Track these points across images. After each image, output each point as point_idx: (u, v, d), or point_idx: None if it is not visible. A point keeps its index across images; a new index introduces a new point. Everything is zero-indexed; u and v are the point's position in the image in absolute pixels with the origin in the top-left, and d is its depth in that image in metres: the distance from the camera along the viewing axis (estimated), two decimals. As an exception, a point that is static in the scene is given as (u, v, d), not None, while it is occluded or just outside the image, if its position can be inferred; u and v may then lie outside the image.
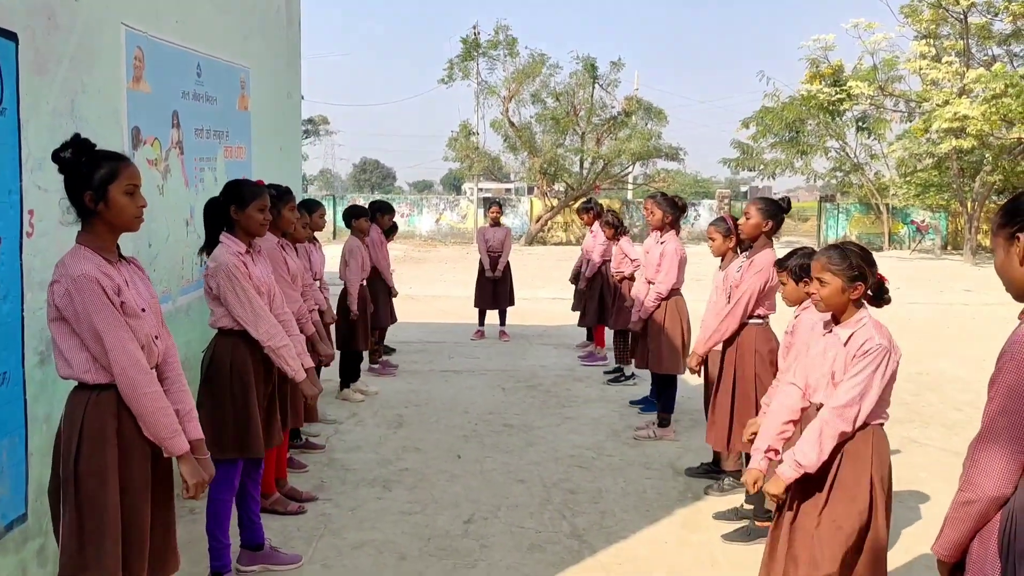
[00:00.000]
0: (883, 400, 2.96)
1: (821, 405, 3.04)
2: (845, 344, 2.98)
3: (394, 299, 8.33)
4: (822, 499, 2.98)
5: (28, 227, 3.34)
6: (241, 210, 3.70)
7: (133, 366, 2.58)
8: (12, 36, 3.23)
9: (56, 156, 2.62)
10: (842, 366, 2.97)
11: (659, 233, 6.37)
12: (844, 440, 2.95)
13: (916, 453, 5.93)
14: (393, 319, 8.36)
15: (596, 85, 29.52)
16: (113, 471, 2.59)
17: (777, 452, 3.19)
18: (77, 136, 2.65)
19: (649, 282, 6.32)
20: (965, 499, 2.11)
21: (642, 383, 7.56)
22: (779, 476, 3.03)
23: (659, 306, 6.17)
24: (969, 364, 8.93)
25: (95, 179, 2.59)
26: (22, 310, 3.28)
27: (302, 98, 8.13)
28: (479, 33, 30.35)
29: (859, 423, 2.93)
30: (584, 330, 9.47)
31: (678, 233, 6.38)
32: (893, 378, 2.97)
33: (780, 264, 4.06)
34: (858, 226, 31.09)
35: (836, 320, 3.08)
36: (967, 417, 6.88)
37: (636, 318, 6.30)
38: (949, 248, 29.44)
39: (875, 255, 3.17)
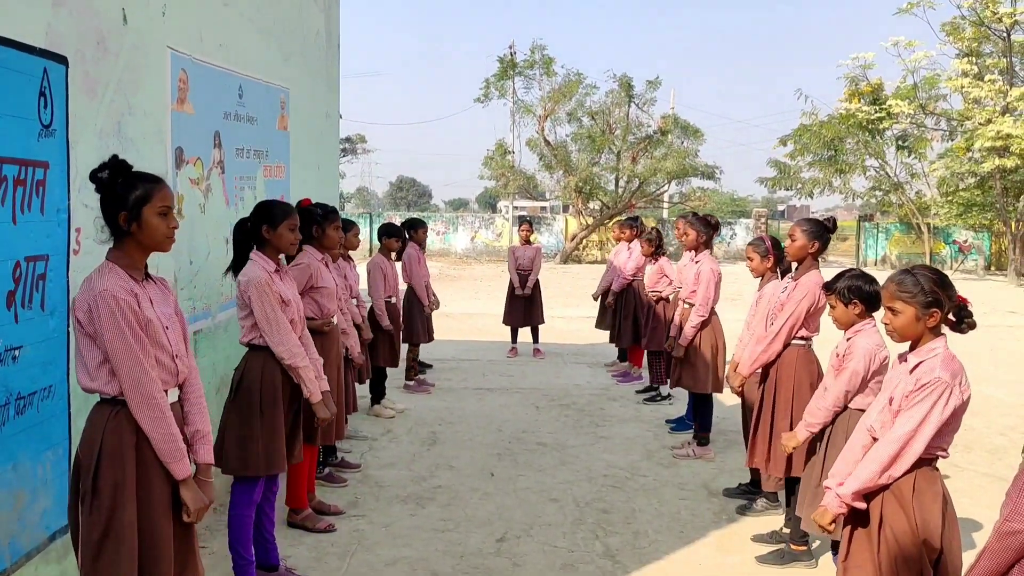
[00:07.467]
0: (940, 436, 2.79)
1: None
2: (911, 372, 2.85)
3: (431, 314, 8.37)
4: (873, 540, 2.85)
5: (75, 244, 3.43)
6: (273, 229, 3.79)
7: (140, 389, 2.59)
8: (63, 60, 3.34)
9: (94, 176, 2.66)
10: (901, 393, 2.84)
11: (693, 253, 6.37)
12: (890, 480, 2.81)
13: (959, 478, 5.80)
14: (429, 337, 8.39)
15: (632, 104, 29.52)
16: (131, 487, 2.61)
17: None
18: (115, 157, 2.69)
19: (686, 302, 6.30)
20: (1010, 529, 2.06)
21: (677, 403, 7.52)
22: (825, 507, 2.93)
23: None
24: (1013, 388, 8.73)
25: (130, 200, 2.63)
26: (68, 325, 3.37)
27: (340, 117, 8.26)
28: (515, 52, 30.57)
29: (911, 460, 2.78)
30: (615, 348, 9.47)
31: (711, 252, 6.36)
32: (956, 415, 2.78)
33: (828, 287, 3.91)
34: (898, 246, 30.60)
35: (912, 348, 2.92)
36: (1011, 442, 6.72)
37: (677, 344, 6.22)
38: (992, 268, 28.85)
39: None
